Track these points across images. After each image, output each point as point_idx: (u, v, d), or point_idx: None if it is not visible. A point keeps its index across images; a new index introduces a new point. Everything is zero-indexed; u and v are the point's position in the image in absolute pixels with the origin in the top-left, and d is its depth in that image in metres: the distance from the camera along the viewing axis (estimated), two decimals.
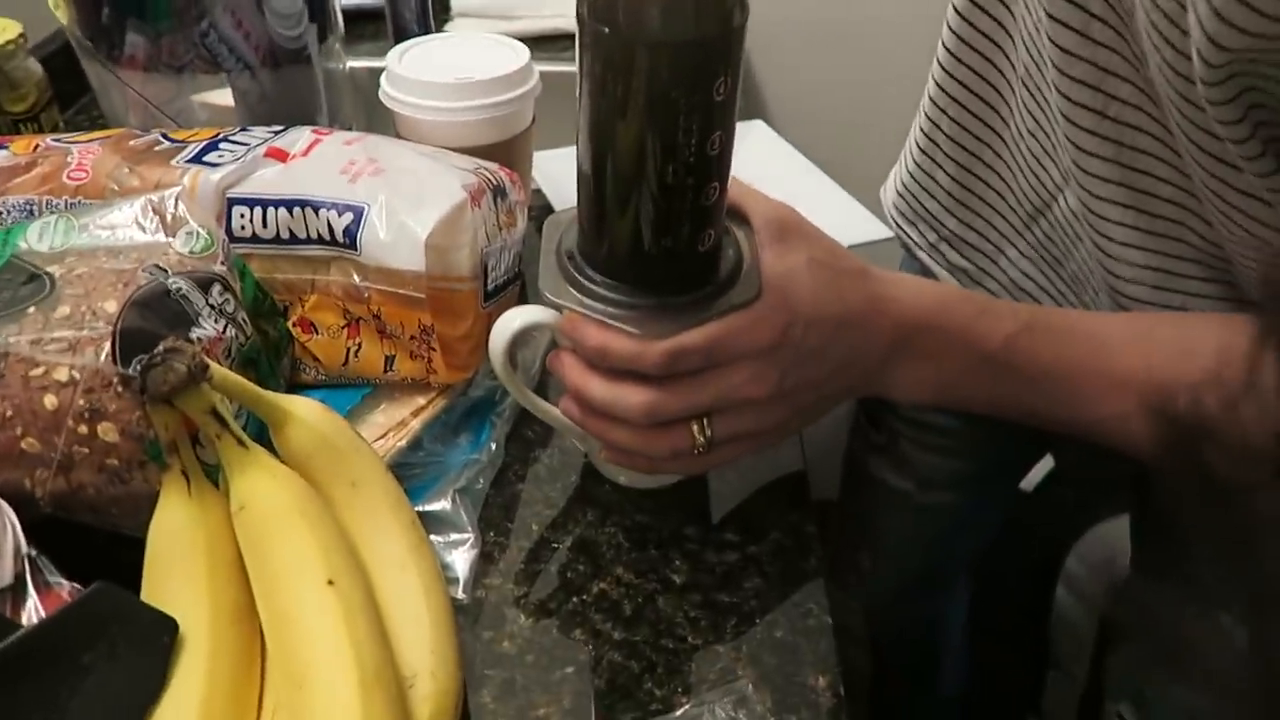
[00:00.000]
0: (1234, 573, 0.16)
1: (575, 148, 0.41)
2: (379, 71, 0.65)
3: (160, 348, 0.38)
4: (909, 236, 0.68)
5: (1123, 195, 0.49)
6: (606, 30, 0.36)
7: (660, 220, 0.41)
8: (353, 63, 0.80)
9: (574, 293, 0.43)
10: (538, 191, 0.77)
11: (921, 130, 0.63)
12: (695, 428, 0.44)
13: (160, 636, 0.36)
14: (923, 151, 0.63)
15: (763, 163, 0.86)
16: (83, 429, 0.40)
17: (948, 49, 0.57)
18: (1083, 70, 0.46)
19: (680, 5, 0.35)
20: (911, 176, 0.65)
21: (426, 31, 0.72)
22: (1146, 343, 0.46)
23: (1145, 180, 0.48)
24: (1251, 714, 0.15)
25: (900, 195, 0.68)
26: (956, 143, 0.59)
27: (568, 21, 1.14)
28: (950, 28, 0.57)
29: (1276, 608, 0.15)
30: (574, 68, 0.39)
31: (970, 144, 0.59)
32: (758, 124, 0.95)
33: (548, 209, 0.78)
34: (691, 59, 0.36)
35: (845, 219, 0.80)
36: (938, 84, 0.59)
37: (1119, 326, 0.48)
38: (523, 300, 0.61)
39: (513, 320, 0.46)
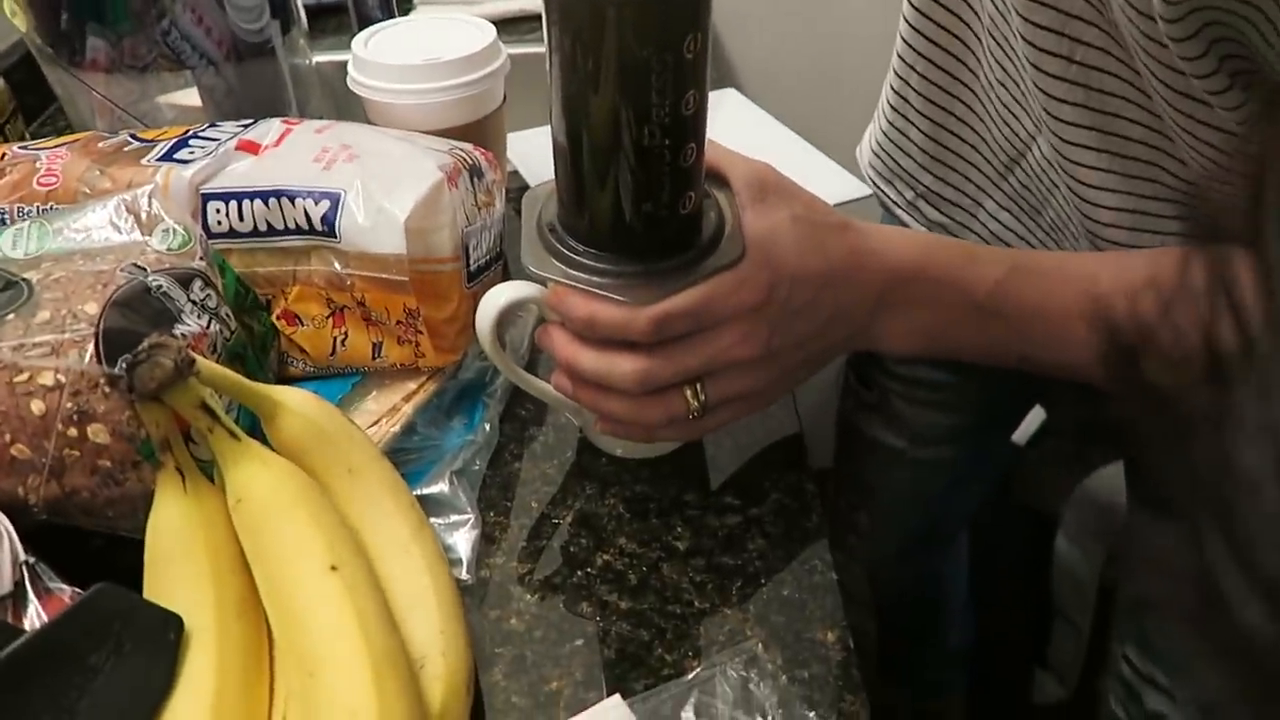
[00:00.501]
0: (1171, 476, 0.16)
1: (549, 124, 0.41)
2: (345, 65, 0.64)
3: (145, 344, 0.37)
4: (886, 195, 0.68)
5: (1095, 139, 0.49)
6: None
7: (640, 185, 0.40)
8: (318, 57, 0.79)
9: (558, 265, 0.43)
10: (514, 173, 0.76)
11: (892, 88, 0.63)
12: (689, 392, 0.44)
13: (166, 633, 0.36)
14: (894, 109, 0.63)
15: (738, 130, 0.86)
16: (72, 432, 0.39)
17: (913, 5, 0.57)
18: (1047, 16, 0.46)
19: None
20: (885, 135, 0.65)
21: (389, 16, 0.71)
22: (1130, 274, 0.46)
23: (1116, 123, 0.48)
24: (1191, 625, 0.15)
25: (875, 154, 0.68)
26: (927, 98, 0.59)
27: (531, 3, 1.13)
28: None
29: (1208, 508, 0.15)
30: (541, 49, 0.39)
31: (941, 99, 0.59)
32: (730, 92, 0.94)
33: (525, 189, 0.77)
34: (659, 14, 0.36)
35: (823, 179, 0.80)
36: (905, 41, 0.59)
37: (1106, 265, 0.48)
38: (505, 278, 0.60)
39: (499, 297, 0.46)
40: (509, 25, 1.12)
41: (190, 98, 0.67)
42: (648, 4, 0.36)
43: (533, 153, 0.79)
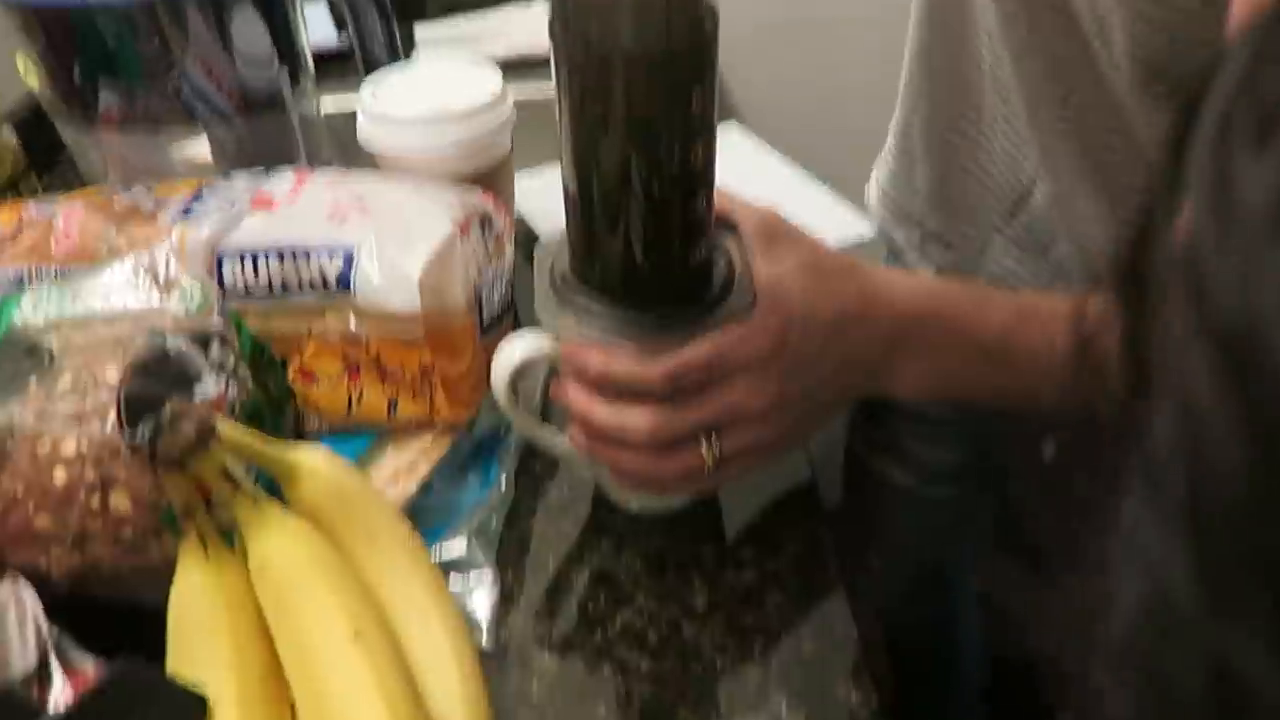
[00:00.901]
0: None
1: (558, 169, 0.41)
2: (353, 116, 0.65)
3: (167, 412, 0.38)
4: (894, 236, 0.68)
5: (1091, 183, 0.49)
6: (580, 48, 0.36)
7: (650, 237, 0.41)
8: (326, 102, 0.79)
9: (571, 317, 0.43)
10: (520, 220, 0.77)
11: (897, 129, 0.63)
12: (704, 445, 0.44)
13: (190, 713, 0.35)
14: (899, 152, 0.63)
15: (741, 166, 0.87)
16: (95, 502, 0.39)
17: (915, 48, 0.57)
18: (1039, 63, 0.47)
19: (651, 18, 0.35)
20: (891, 178, 0.66)
21: (395, 59, 0.72)
22: None
23: (1111, 167, 0.48)
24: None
25: (883, 197, 0.68)
26: (931, 141, 0.60)
27: (533, 46, 1.14)
28: (916, 27, 0.57)
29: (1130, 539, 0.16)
30: (544, 92, 0.39)
31: (944, 141, 0.59)
32: (732, 126, 0.95)
33: (529, 233, 0.78)
34: (665, 71, 0.37)
35: (828, 216, 0.80)
36: (907, 85, 0.59)
37: None
38: (517, 329, 0.61)
39: (514, 352, 0.46)
40: (511, 68, 1.13)
41: (200, 148, 0.68)
42: (655, 62, 0.36)
43: (539, 195, 0.79)
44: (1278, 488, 0.13)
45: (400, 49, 0.74)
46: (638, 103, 0.37)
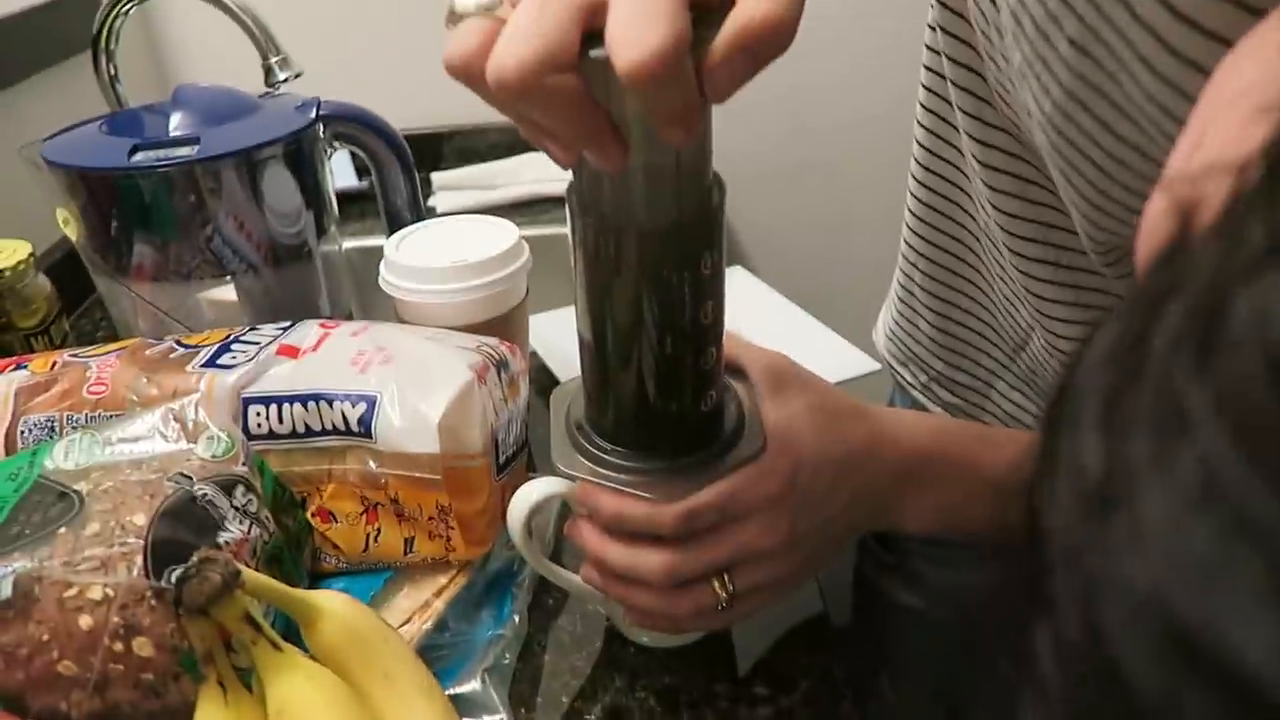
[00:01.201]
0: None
1: (571, 310, 0.43)
2: (372, 250, 0.68)
3: (194, 559, 0.39)
4: (902, 376, 0.70)
5: (1084, 335, 0.51)
6: (595, 219, 0.39)
7: (662, 388, 0.43)
8: (347, 244, 0.83)
9: (586, 463, 0.45)
10: (533, 354, 0.79)
11: (899, 280, 0.66)
12: (716, 584, 0.44)
13: None
14: (903, 300, 0.66)
15: (747, 307, 0.90)
16: (118, 646, 0.40)
17: (914, 207, 0.60)
18: (1030, 229, 0.49)
19: (662, 194, 0.37)
20: (896, 323, 0.68)
21: (418, 215, 0.75)
22: None
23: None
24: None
25: (889, 338, 0.70)
26: (932, 293, 0.62)
27: (544, 186, 1.19)
28: (914, 186, 0.60)
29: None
30: (557, 231, 0.42)
31: (945, 293, 0.61)
32: (737, 269, 0.98)
33: (544, 370, 0.80)
34: (677, 241, 0.39)
35: (832, 355, 0.83)
36: (908, 241, 0.62)
37: None
38: (530, 466, 0.62)
39: (530, 493, 0.47)
40: (523, 208, 1.19)
41: (228, 294, 0.71)
42: (667, 232, 0.38)
43: (552, 336, 0.82)
44: None
45: (422, 205, 0.78)
46: (650, 269, 0.39)
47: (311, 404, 0.52)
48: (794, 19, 0.31)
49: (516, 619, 0.53)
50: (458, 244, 0.66)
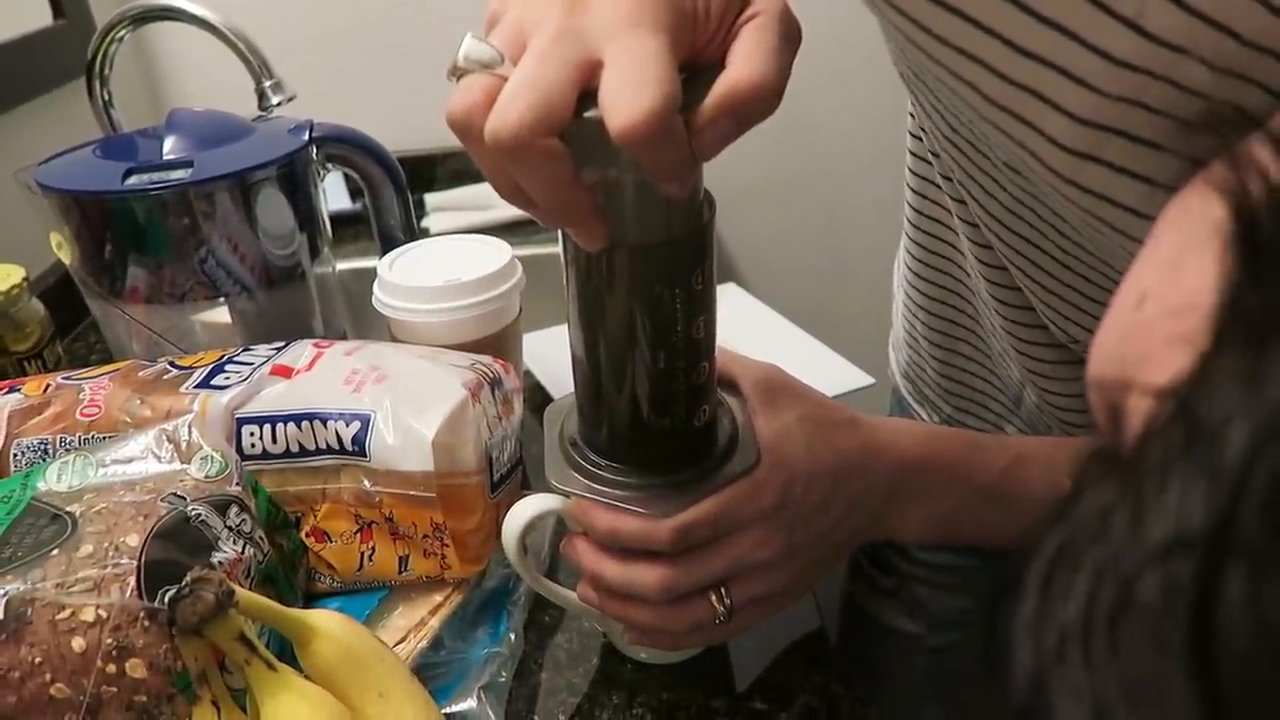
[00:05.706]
0: None
1: (564, 328, 0.43)
2: (366, 272, 0.68)
3: (187, 579, 0.39)
4: (918, 414, 0.70)
5: (1076, 389, 0.52)
6: None
7: (655, 404, 0.43)
8: (341, 266, 0.84)
9: (580, 479, 0.45)
10: (527, 372, 0.80)
11: (904, 327, 0.66)
12: (713, 598, 0.44)
13: None
14: (909, 346, 0.66)
15: (740, 324, 0.90)
16: (111, 668, 0.40)
17: (909, 260, 0.60)
18: (1012, 295, 0.50)
19: (653, 212, 0.38)
20: (907, 364, 0.68)
21: (412, 236, 0.76)
22: None
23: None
24: None
25: (904, 378, 0.71)
26: (935, 343, 0.62)
27: None
28: (909, 240, 0.60)
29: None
30: (549, 250, 0.42)
31: (946, 343, 0.61)
32: (730, 287, 0.99)
33: (538, 388, 0.80)
34: (668, 258, 0.39)
35: (825, 370, 0.83)
36: (907, 292, 0.62)
37: None
38: (524, 483, 0.62)
39: (525, 510, 0.47)
40: (517, 227, 1.19)
41: (221, 315, 0.71)
42: (657, 250, 0.39)
43: (546, 354, 0.82)
44: None
45: (415, 226, 0.78)
46: (642, 286, 0.39)
47: (305, 423, 0.52)
48: (779, 85, 0.33)
49: (512, 636, 0.53)
50: (451, 263, 0.66)
